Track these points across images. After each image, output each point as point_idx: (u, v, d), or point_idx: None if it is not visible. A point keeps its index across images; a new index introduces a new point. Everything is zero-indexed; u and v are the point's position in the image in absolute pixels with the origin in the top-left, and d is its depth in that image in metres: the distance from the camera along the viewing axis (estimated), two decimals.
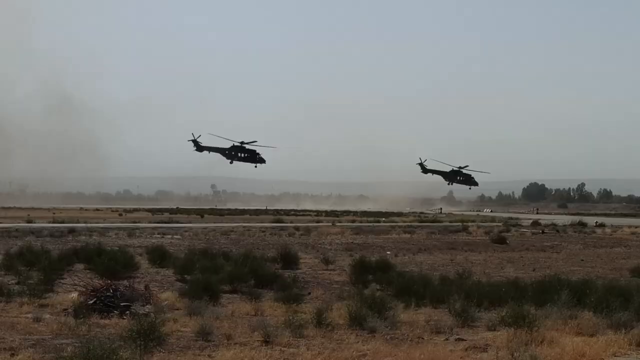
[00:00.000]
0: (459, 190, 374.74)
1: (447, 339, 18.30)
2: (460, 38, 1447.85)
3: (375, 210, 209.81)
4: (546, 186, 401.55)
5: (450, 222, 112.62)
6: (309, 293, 27.17)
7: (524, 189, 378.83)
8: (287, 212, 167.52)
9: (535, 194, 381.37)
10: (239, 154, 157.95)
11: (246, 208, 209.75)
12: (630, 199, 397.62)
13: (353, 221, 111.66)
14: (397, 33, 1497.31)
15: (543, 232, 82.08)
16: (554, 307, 20.93)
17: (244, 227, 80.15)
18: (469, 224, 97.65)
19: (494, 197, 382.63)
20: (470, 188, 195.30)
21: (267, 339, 17.53)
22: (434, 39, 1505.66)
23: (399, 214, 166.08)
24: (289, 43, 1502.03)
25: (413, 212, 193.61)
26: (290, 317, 19.25)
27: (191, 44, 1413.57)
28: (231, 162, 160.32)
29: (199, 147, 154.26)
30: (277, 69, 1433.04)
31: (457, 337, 18.58)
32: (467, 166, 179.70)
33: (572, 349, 16.54)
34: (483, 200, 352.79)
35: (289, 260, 37.90)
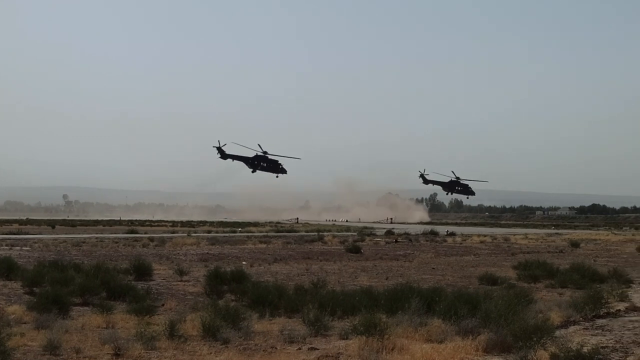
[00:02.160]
0: (317, 199, 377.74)
1: (300, 349, 18.39)
2: (295, 55, 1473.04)
3: (232, 221, 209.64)
4: (400, 196, 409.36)
5: (306, 231, 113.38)
6: (163, 304, 26.80)
7: (379, 199, 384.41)
8: (142, 223, 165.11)
9: (390, 204, 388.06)
10: (262, 164, 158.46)
11: (99, 219, 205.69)
12: (479, 209, 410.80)
13: (209, 231, 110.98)
14: (249, 42, 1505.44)
15: (396, 241, 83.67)
16: (405, 315, 21.31)
17: (97, 238, 78.52)
18: (325, 233, 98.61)
19: None
20: (468, 197, 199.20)
21: (118, 352, 17.22)
22: (277, 52, 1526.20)
23: (256, 224, 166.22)
24: (139, 52, 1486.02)
25: (269, 222, 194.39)
26: (142, 329, 18.95)
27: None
28: (253, 171, 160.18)
29: (224, 155, 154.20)
30: (124, 77, 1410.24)
31: (310, 346, 18.69)
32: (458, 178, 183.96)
33: (421, 355, 16.92)
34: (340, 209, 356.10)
35: (142, 271, 37.30)
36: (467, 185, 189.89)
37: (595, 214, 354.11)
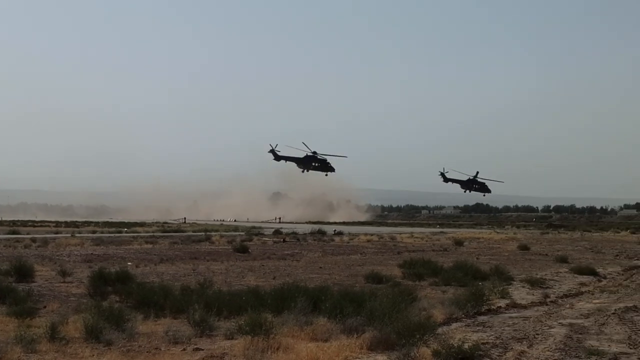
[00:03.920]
0: (205, 199, 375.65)
1: (184, 349, 18.25)
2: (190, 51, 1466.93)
3: (117, 221, 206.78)
4: (289, 195, 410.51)
5: (194, 231, 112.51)
6: (44, 306, 26.20)
7: (268, 198, 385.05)
8: (24, 223, 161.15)
9: (278, 203, 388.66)
10: (313, 163, 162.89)
11: None
12: (369, 208, 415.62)
13: (94, 232, 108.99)
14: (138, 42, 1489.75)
15: (284, 241, 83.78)
16: (291, 314, 21.39)
17: None
18: (213, 233, 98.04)
19: None
20: (484, 195, 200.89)
21: None
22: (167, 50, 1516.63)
23: (142, 224, 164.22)
24: (24, 45, 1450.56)
25: (156, 222, 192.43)
26: (22, 332, 18.50)
27: None
28: (303, 171, 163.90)
29: (277, 157, 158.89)
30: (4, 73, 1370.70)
31: (195, 346, 18.56)
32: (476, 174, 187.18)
33: (306, 354, 17.01)
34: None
35: (23, 273, 36.31)
36: (484, 183, 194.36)
37: (478, 213, 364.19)
